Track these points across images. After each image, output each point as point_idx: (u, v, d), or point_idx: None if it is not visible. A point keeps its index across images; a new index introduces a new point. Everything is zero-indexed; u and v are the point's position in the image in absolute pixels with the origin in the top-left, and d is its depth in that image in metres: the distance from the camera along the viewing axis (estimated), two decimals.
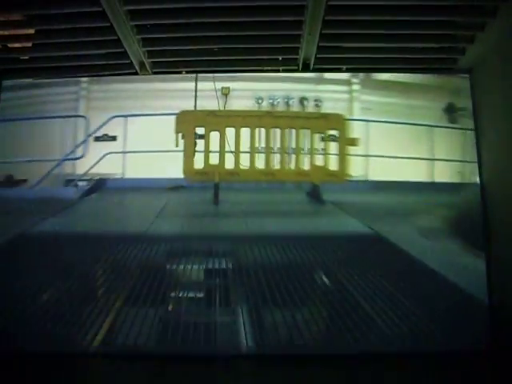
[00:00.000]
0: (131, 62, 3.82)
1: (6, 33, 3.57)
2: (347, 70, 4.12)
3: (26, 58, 3.93)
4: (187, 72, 4.28)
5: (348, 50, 3.82)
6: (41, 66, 4.00)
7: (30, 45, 3.81)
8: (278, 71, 4.17)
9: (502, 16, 3.19)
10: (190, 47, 3.81)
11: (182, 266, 3.09)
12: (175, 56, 3.93)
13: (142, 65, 3.91)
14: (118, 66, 3.97)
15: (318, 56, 3.77)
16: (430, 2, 3.25)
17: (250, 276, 2.93)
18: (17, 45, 3.80)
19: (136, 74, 3.99)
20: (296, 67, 3.96)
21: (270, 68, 4.12)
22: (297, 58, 3.86)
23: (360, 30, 3.57)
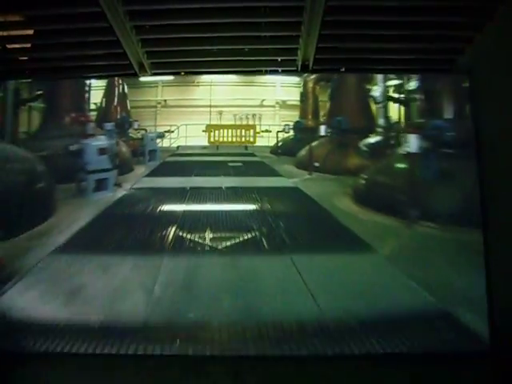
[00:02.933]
0: (130, 62, 3.81)
1: (6, 33, 3.57)
2: (346, 71, 4.12)
3: (26, 58, 3.93)
4: (186, 73, 4.28)
5: (347, 50, 3.81)
6: (40, 67, 4.00)
7: (29, 45, 3.81)
8: (277, 72, 4.17)
9: (500, 17, 3.19)
10: (189, 48, 3.81)
11: (212, 156, 11.27)
12: (174, 57, 3.93)
13: (141, 66, 3.90)
14: (117, 67, 3.97)
15: (316, 57, 3.77)
16: (428, 3, 3.25)
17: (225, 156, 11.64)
18: (16, 45, 3.79)
19: (135, 74, 3.98)
20: (295, 68, 3.95)
21: (268, 69, 4.12)
22: (295, 59, 3.85)
23: (359, 31, 3.57)
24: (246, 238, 5.91)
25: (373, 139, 7.93)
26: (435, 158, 5.70)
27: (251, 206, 7.02)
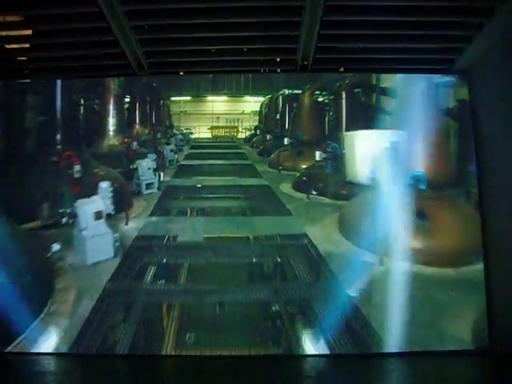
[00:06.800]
0: (129, 62, 3.80)
1: (4, 33, 3.55)
2: (345, 71, 4.11)
3: (24, 58, 3.92)
4: (185, 73, 4.26)
5: (346, 50, 3.80)
6: (38, 67, 3.99)
7: (27, 45, 3.79)
8: (275, 72, 4.16)
9: (499, 16, 3.19)
10: (188, 48, 3.80)
11: (210, 143, 23.24)
12: (173, 57, 3.91)
13: (139, 66, 3.89)
14: (116, 67, 3.95)
15: (316, 57, 3.76)
16: (427, 2, 3.24)
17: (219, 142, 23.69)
18: (14, 45, 3.78)
19: (134, 74, 3.97)
20: (294, 68, 3.94)
21: (267, 69, 4.10)
22: (294, 59, 3.84)
23: (358, 31, 3.56)
24: (225, 152, 20.94)
25: (269, 136, 20.49)
26: (272, 141, 19.76)
27: (228, 157, 19.32)
